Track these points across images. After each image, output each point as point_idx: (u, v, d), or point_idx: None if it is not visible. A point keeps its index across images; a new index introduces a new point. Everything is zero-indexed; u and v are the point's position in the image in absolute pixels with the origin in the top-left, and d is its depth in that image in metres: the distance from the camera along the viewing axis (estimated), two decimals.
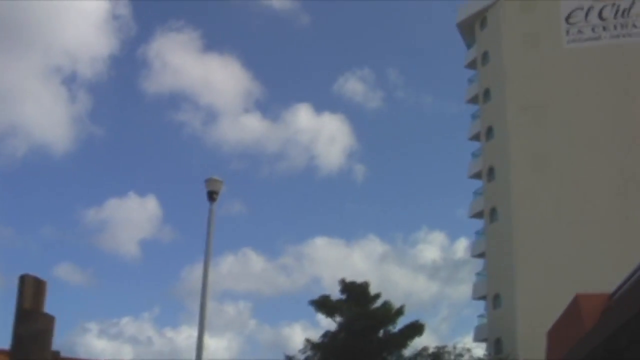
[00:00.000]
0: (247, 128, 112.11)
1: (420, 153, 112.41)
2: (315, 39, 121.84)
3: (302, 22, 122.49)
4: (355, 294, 58.76)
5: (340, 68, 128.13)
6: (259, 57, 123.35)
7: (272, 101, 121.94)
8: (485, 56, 74.47)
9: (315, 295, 58.98)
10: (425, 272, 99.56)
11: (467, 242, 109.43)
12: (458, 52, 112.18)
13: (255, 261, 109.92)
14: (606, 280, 19.16)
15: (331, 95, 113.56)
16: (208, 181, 22.80)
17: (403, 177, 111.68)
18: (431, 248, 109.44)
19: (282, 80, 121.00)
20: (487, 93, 73.21)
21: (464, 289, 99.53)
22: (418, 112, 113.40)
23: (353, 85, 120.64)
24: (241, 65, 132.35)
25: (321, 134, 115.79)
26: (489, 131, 71.69)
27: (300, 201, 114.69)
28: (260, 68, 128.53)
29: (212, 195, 22.56)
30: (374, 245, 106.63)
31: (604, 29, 69.66)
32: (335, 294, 59.50)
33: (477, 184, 73.73)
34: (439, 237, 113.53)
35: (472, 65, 77.57)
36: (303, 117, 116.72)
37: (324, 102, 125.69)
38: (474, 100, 76.21)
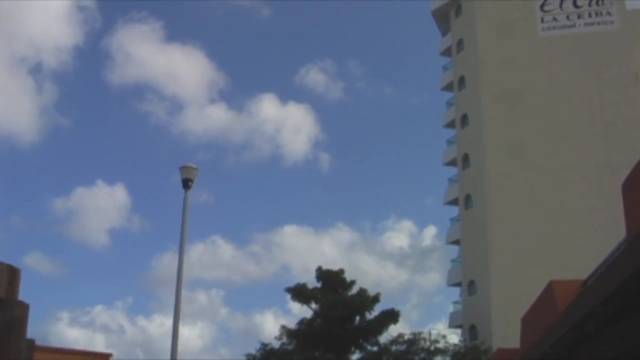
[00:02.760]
0: (212, 118, 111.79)
1: (386, 143, 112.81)
2: (277, 30, 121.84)
3: (263, 13, 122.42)
4: (331, 282, 58.89)
5: (302, 59, 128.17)
6: (222, 47, 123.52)
7: (237, 91, 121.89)
8: (460, 44, 74.67)
9: (286, 283, 59.47)
10: (394, 260, 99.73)
11: (435, 229, 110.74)
12: (428, 42, 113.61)
13: (225, 249, 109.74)
14: (581, 267, 19.27)
15: (294, 85, 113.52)
16: (183, 169, 22.45)
17: (369, 166, 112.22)
18: (400, 236, 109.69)
19: (246, 71, 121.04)
20: (462, 80, 73.44)
21: (434, 277, 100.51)
22: (382, 103, 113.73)
23: (315, 76, 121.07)
24: (205, 56, 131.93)
25: (286, 124, 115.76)
26: (464, 118, 71.93)
27: (267, 190, 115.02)
28: (224, 58, 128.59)
29: (187, 183, 22.26)
30: (343, 234, 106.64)
31: (579, 16, 69.95)
32: (308, 280, 59.72)
33: (452, 171, 74.03)
34: (407, 225, 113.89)
35: (447, 52, 77.79)
36: (268, 107, 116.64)
37: (288, 93, 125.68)
38: (448, 87, 76.44)
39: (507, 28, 70.60)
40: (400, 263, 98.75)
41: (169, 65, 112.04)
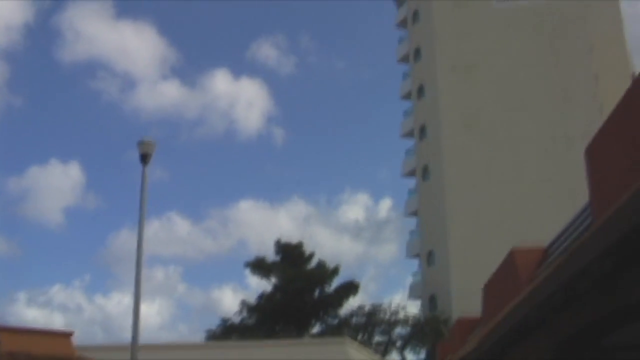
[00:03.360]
0: (165, 95, 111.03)
1: (340, 116, 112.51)
2: (227, 4, 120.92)
3: None
4: (290, 255, 58.93)
5: (254, 34, 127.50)
6: (173, 23, 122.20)
7: (189, 67, 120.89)
8: (415, 15, 74.56)
9: (243, 258, 59.59)
10: (350, 233, 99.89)
11: (391, 202, 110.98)
12: (381, 14, 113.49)
13: (181, 225, 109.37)
14: (538, 237, 19.39)
15: (246, 60, 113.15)
16: (141, 143, 21.88)
17: (324, 141, 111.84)
18: (355, 208, 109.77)
19: (198, 46, 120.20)
20: (417, 52, 73.41)
21: (390, 249, 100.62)
22: (336, 76, 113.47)
23: (268, 51, 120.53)
24: (156, 32, 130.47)
25: (239, 99, 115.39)
26: (420, 90, 71.99)
27: (222, 165, 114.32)
28: (175, 34, 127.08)
29: (145, 158, 21.72)
30: (299, 207, 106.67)
31: None
32: (265, 255, 59.66)
33: (409, 143, 74.19)
34: (362, 198, 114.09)
35: (402, 24, 77.68)
36: (220, 82, 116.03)
37: (240, 68, 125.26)
38: (404, 59, 76.38)
39: None
40: (356, 235, 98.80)
41: (120, 42, 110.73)
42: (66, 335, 25.45)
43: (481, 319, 20.12)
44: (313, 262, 59.50)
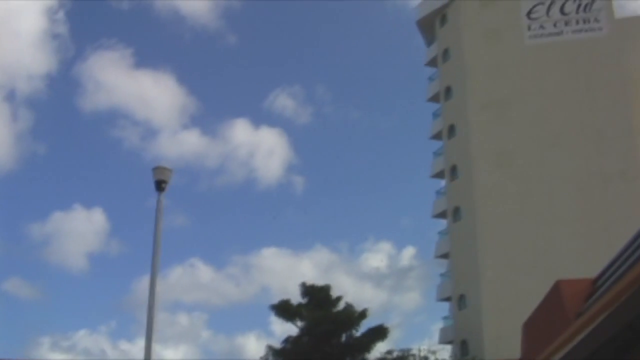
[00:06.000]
0: (185, 143, 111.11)
1: (368, 162, 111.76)
2: (244, 55, 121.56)
3: (230, 39, 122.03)
4: (317, 298, 57.22)
5: (271, 84, 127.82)
6: (191, 72, 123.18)
7: (209, 116, 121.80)
8: (446, 53, 73.34)
9: (266, 304, 57.67)
10: (372, 281, 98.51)
11: (413, 250, 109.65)
12: (410, 54, 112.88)
13: (204, 272, 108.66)
14: (573, 276, 17.93)
15: (264, 110, 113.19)
16: (156, 170, 21.16)
17: (346, 188, 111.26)
18: (378, 256, 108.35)
19: (217, 95, 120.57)
20: (448, 90, 72.05)
21: (413, 296, 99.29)
22: (360, 123, 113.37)
23: (284, 101, 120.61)
24: (175, 81, 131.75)
25: (259, 148, 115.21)
26: (451, 129, 70.48)
27: (243, 214, 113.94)
28: (193, 83, 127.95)
29: (160, 185, 20.99)
30: (321, 255, 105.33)
31: (566, 23, 68.76)
32: (290, 298, 58.02)
33: (438, 183, 72.87)
34: (385, 246, 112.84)
35: (433, 63, 76.48)
36: (240, 131, 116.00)
37: (258, 117, 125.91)
38: (435, 98, 75.05)
39: (494, 36, 69.37)
40: (378, 283, 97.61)
41: (141, 91, 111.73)
42: None
43: None
44: (340, 306, 57.75)
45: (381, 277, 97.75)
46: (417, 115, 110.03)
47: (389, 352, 57.09)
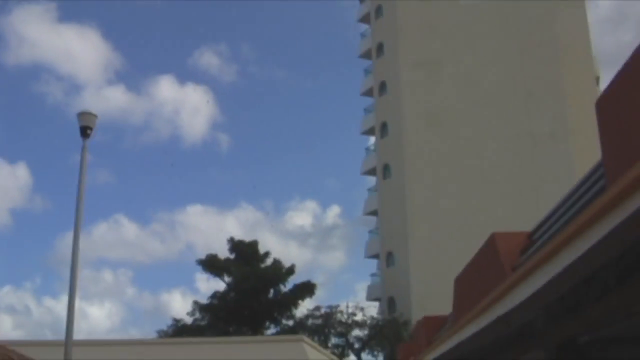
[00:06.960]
0: (110, 99, 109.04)
1: (296, 119, 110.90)
2: (170, 12, 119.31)
3: None
4: (244, 253, 56.89)
5: (196, 41, 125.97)
6: (117, 28, 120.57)
7: (133, 72, 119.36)
8: (378, 10, 72.80)
9: (192, 261, 57.13)
10: (297, 239, 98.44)
11: (338, 209, 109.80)
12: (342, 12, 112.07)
13: (129, 228, 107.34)
14: None
15: (190, 67, 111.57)
16: (81, 115, 20.56)
17: (272, 146, 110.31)
18: (303, 215, 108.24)
19: (142, 52, 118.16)
20: (380, 48, 71.60)
21: (338, 255, 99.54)
22: (288, 79, 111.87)
23: (210, 59, 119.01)
24: (100, 36, 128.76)
25: (184, 106, 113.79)
26: (382, 86, 70.20)
27: (168, 170, 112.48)
28: (119, 39, 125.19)
29: (85, 131, 20.36)
30: (247, 213, 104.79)
31: None
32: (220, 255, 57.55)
33: (366, 140, 72.91)
34: (310, 205, 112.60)
35: (365, 19, 76.00)
36: (165, 88, 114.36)
37: (184, 74, 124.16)
38: (366, 55, 74.66)
39: None
40: (303, 242, 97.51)
41: (64, 46, 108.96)
42: None
43: (451, 316, 18.20)
44: (268, 262, 57.48)
45: (306, 236, 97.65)
46: (348, 74, 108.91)
47: (317, 308, 57.23)
